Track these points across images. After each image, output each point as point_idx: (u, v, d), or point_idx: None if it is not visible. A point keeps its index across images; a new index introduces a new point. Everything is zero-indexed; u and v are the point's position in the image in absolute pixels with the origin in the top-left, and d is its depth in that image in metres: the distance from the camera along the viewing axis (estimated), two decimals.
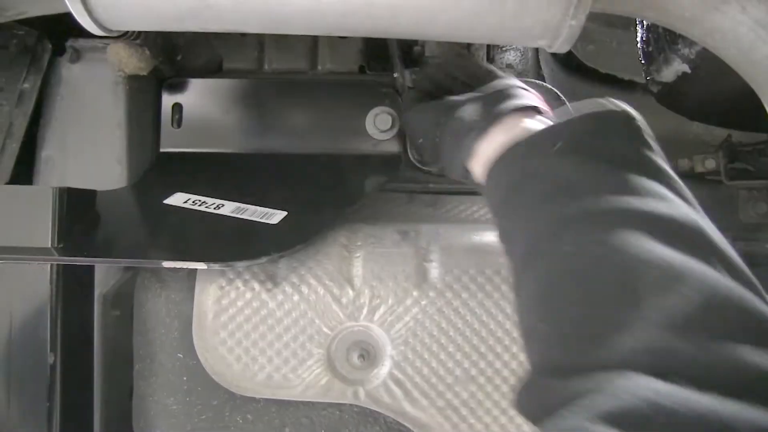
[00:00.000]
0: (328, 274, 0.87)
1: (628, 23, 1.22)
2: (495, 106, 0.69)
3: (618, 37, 1.45)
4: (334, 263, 0.88)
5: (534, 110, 0.70)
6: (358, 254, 0.89)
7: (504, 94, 0.71)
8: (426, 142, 0.78)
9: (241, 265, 0.82)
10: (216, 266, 0.81)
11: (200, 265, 0.80)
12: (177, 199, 0.95)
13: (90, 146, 1.04)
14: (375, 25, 0.63)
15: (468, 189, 1.10)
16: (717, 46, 0.65)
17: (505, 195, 0.63)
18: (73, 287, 0.94)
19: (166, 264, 0.80)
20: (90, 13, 0.63)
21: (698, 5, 0.61)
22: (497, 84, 0.74)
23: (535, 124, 0.66)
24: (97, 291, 0.99)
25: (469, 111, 0.71)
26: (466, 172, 0.72)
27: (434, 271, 0.87)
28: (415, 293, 0.86)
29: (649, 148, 0.58)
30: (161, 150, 1.10)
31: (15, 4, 0.81)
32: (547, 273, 0.55)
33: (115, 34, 0.68)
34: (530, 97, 0.72)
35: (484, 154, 0.68)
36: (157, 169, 1.08)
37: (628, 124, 0.60)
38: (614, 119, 0.60)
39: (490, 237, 0.93)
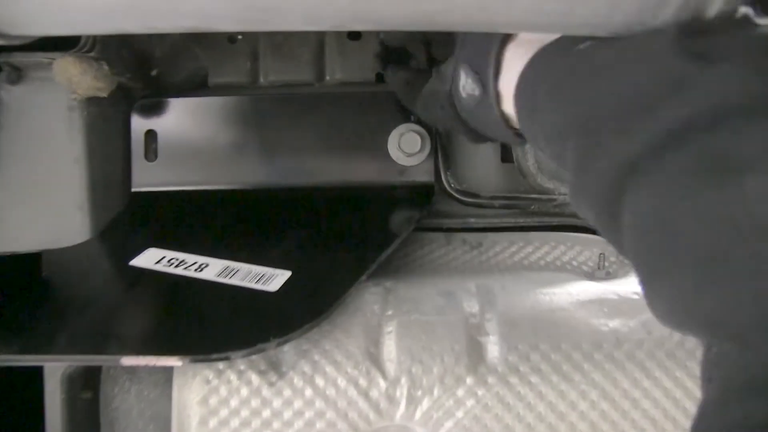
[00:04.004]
0: (351, 359, 0.64)
1: None
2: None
3: None
4: (359, 342, 0.65)
5: None
6: (389, 328, 0.66)
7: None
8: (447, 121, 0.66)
9: (227, 356, 0.60)
10: (196, 361, 0.59)
11: (173, 362, 0.58)
12: (148, 258, 0.73)
13: (40, 189, 0.83)
14: (421, 14, 0.41)
15: (519, 224, 0.88)
16: None
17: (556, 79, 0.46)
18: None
19: (126, 361, 0.58)
20: None
21: None
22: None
23: None
24: (60, 370, 0.77)
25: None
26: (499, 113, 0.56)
27: (493, 347, 0.65)
28: (468, 380, 0.64)
29: None
30: (133, 189, 0.89)
31: None
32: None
33: (18, 41, 0.45)
34: None
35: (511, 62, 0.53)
36: (128, 215, 0.86)
37: None
38: None
39: (561, 292, 0.70)
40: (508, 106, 0.54)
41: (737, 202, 0.32)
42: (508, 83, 0.53)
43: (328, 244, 0.79)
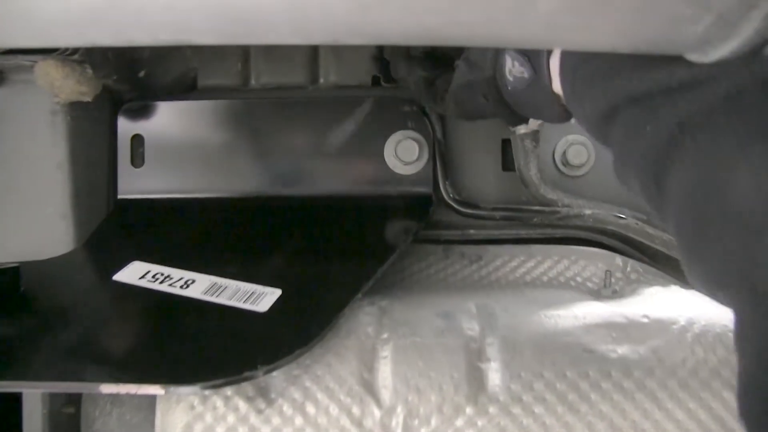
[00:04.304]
0: (344, 385, 0.61)
1: None
2: None
3: None
4: (352, 368, 0.62)
5: None
6: (385, 353, 0.63)
7: None
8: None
9: (212, 385, 0.56)
10: (179, 390, 0.55)
11: (154, 390, 0.54)
12: (132, 273, 0.70)
13: (21, 196, 0.80)
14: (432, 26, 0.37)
15: (521, 236, 0.84)
16: None
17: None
18: None
19: (106, 389, 0.54)
20: None
21: None
22: None
23: None
24: None
25: None
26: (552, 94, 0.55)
27: (494, 375, 0.61)
28: (468, 410, 0.60)
29: None
30: (119, 197, 0.85)
31: None
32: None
33: None
34: None
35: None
36: (113, 224, 0.82)
37: None
38: None
39: (567, 315, 0.67)
40: (557, 85, 0.53)
41: None
42: (557, 62, 0.53)
43: (321, 258, 0.75)
